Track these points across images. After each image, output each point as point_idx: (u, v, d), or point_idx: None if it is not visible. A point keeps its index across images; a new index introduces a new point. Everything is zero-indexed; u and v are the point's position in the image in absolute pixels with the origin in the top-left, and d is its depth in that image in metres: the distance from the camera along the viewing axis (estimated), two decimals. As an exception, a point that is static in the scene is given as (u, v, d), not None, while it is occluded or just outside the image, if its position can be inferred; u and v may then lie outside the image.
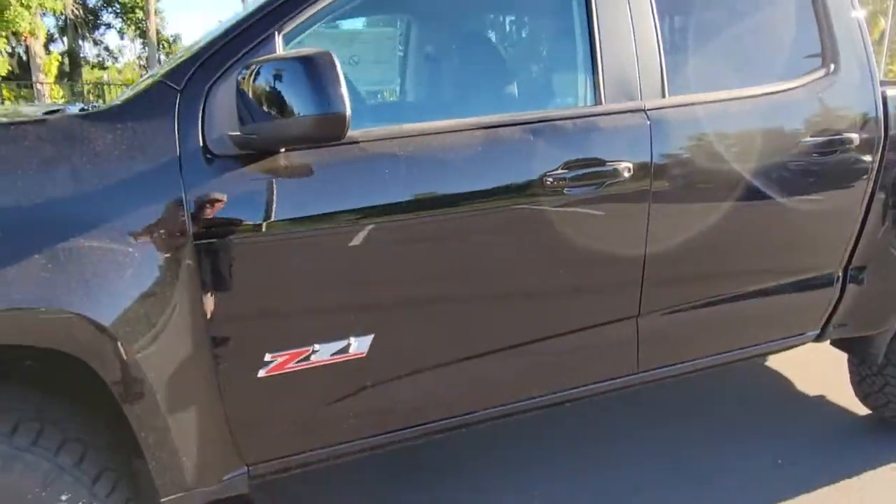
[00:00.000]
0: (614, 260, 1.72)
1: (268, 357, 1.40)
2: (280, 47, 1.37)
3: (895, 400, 2.40)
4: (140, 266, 1.23)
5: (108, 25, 26.06)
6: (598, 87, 1.67)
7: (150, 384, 1.24)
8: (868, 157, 2.04)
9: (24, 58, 18.70)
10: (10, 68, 15.83)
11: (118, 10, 25.69)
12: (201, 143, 1.29)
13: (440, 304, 1.55)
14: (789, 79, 1.97)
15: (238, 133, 1.29)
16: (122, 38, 27.25)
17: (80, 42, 24.49)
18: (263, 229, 1.33)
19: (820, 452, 2.42)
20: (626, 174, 1.64)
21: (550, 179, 1.56)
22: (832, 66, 2.02)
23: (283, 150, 1.33)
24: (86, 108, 1.56)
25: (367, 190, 1.40)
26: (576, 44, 1.67)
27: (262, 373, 1.40)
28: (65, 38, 23.52)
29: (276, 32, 1.37)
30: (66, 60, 22.41)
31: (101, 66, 26.74)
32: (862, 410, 2.63)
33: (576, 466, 2.28)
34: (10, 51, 16.46)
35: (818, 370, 3.00)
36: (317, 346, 1.43)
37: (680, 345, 1.95)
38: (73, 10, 19.41)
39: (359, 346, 1.47)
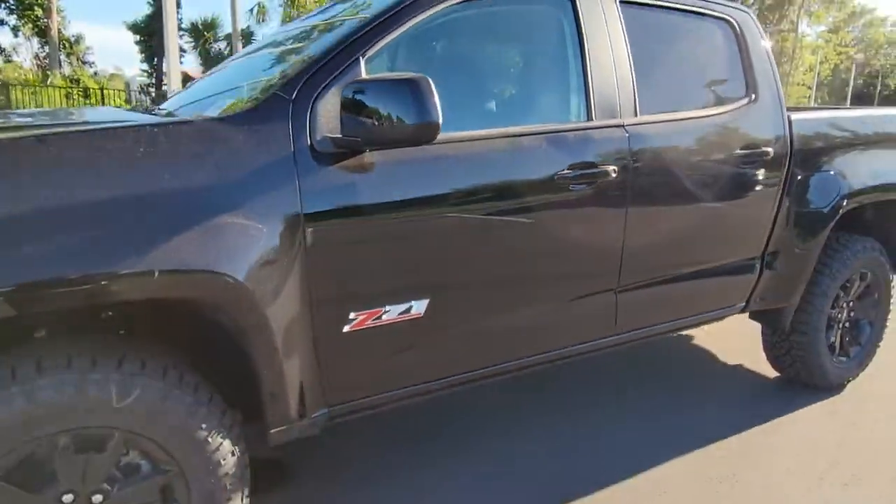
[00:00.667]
0: (603, 240, 2.18)
1: (352, 315, 1.74)
2: (363, 68, 1.73)
3: (799, 361, 3.02)
4: (266, 238, 1.55)
5: (2, 22, 24.52)
6: (590, 108, 2.13)
7: (270, 330, 1.56)
8: (779, 168, 2.63)
9: None
10: None
11: (13, 6, 24.25)
12: (308, 143, 1.63)
13: (481, 273, 1.95)
14: (724, 105, 2.53)
15: (339, 135, 1.64)
16: (15, 35, 25.68)
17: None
18: (353, 211, 1.68)
19: (737, 405, 2.99)
20: (613, 175, 2.10)
21: (559, 178, 2.00)
22: (753, 96, 2.60)
23: (368, 149, 1.69)
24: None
25: (431, 181, 1.79)
26: (575, 75, 2.13)
27: (346, 328, 1.74)
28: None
29: (361, 57, 1.73)
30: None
31: (-9, 63, 25.08)
32: (773, 373, 3.25)
33: (556, 417, 2.73)
34: None
35: (739, 344, 3.62)
36: (387, 308, 1.79)
37: (646, 312, 2.44)
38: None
39: (418, 308, 1.84)
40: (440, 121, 1.56)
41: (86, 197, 1.37)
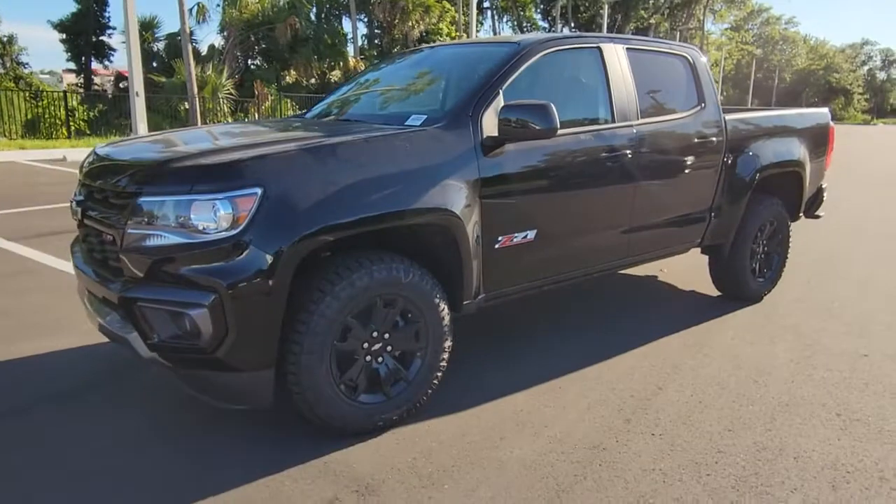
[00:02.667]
0: (623, 197, 3.55)
1: (499, 238, 3.02)
2: (502, 96, 3.00)
3: (733, 281, 4.52)
4: (464, 191, 2.80)
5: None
6: (613, 115, 3.49)
7: (468, 243, 2.82)
8: (719, 152, 4.09)
9: None
10: None
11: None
12: (480, 139, 2.89)
13: (564, 214, 3.27)
14: (686, 111, 3.96)
15: (496, 135, 2.91)
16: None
17: None
18: (500, 178, 2.96)
19: (692, 312, 4.45)
20: (628, 155, 3.47)
21: (601, 156, 3.35)
22: (703, 104, 4.04)
23: (507, 143, 2.96)
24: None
25: (540, 159, 3.09)
26: (605, 95, 3.48)
27: (497, 246, 3.01)
28: None
29: (500, 89, 3.01)
30: None
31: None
32: (716, 293, 4.74)
33: (564, 326, 4.10)
34: None
35: (690, 280, 5.11)
36: (516, 235, 3.08)
37: (644, 244, 3.84)
38: None
39: (530, 236, 3.13)
40: (558, 126, 2.86)
41: (388, 171, 2.60)
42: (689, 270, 5.24)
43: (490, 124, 2.92)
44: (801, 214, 4.95)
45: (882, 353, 3.74)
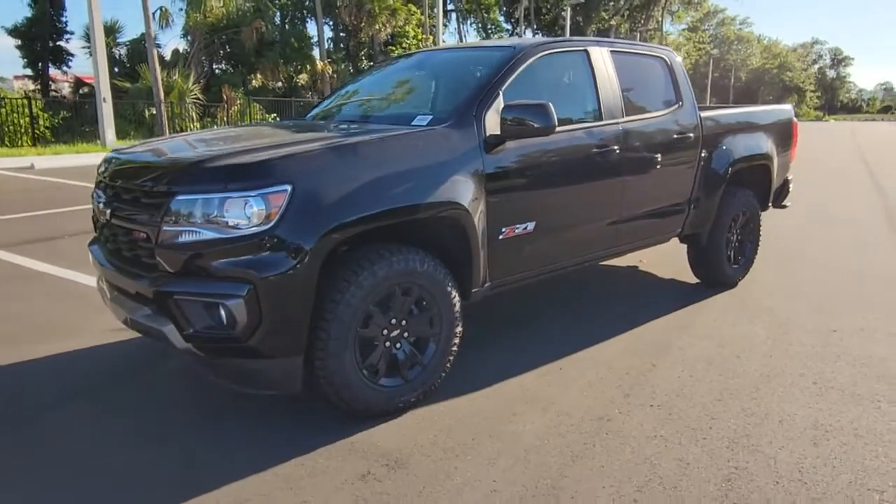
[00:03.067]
0: (612, 189, 3.79)
1: (503, 229, 3.22)
2: (501, 97, 3.20)
3: (711, 268, 4.81)
4: (471, 186, 3.00)
5: None
6: (601, 113, 3.73)
7: (476, 234, 3.02)
8: (696, 147, 4.37)
9: None
10: None
11: None
12: (484, 137, 3.09)
13: (561, 206, 3.49)
14: (665, 108, 4.23)
15: (498, 133, 3.11)
16: None
17: None
18: (502, 172, 3.16)
19: (672, 298, 4.73)
20: (616, 150, 3.72)
21: (593, 151, 3.59)
22: (681, 103, 4.32)
23: (508, 140, 3.17)
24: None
25: (539, 154, 3.31)
26: (593, 94, 3.71)
27: (500, 237, 3.22)
28: None
29: (500, 90, 3.22)
30: None
31: None
32: (694, 280, 5.03)
33: (557, 314, 4.34)
34: None
35: (670, 269, 5.40)
36: (517, 226, 3.29)
37: (630, 234, 4.09)
38: None
39: (530, 227, 3.35)
40: (556, 123, 3.08)
41: (403, 168, 2.78)
42: (666, 260, 5.53)
43: (492, 123, 3.12)
44: (770, 204, 5.27)
45: (850, 328, 4.06)
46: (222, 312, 2.46)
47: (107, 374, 3.36)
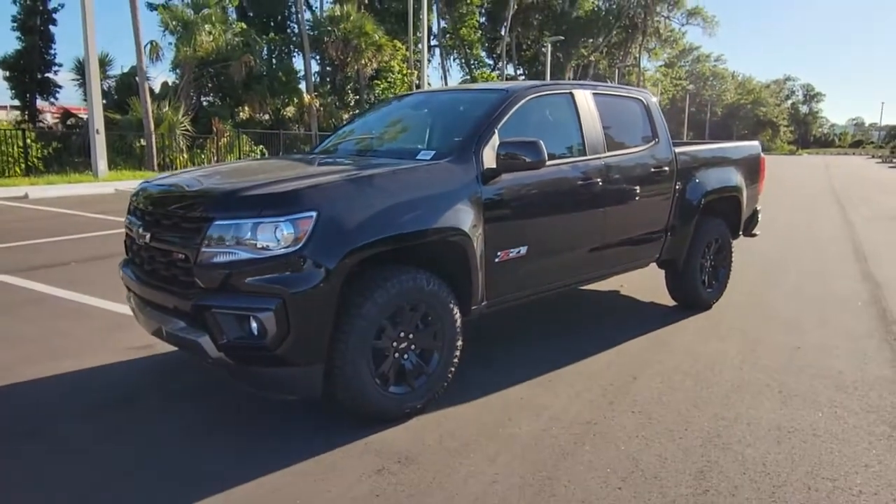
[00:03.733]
0: (595, 220, 4.18)
1: (498, 253, 3.57)
2: (497, 134, 3.59)
3: (686, 292, 5.19)
4: (471, 213, 3.36)
5: None
6: (585, 149, 4.13)
7: (475, 257, 3.36)
8: (671, 179, 4.79)
9: None
10: None
11: None
12: (481, 170, 3.46)
13: (550, 233, 3.85)
14: (643, 145, 4.65)
15: (494, 167, 3.48)
16: None
17: None
18: (497, 202, 3.53)
19: (651, 320, 5.10)
20: (599, 183, 4.11)
21: (578, 184, 3.98)
22: (657, 140, 4.75)
23: (503, 173, 3.54)
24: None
25: (531, 186, 3.68)
26: (578, 132, 4.12)
27: (496, 260, 3.57)
28: None
29: (496, 129, 3.60)
30: None
31: None
32: (671, 303, 5.41)
33: (543, 333, 4.68)
34: None
35: (650, 295, 5.78)
36: (511, 250, 3.64)
37: (613, 259, 4.47)
38: None
39: (523, 251, 3.70)
40: (546, 158, 3.47)
41: (413, 197, 3.14)
42: (645, 285, 5.91)
43: (488, 158, 3.50)
44: (740, 233, 5.70)
45: (812, 345, 4.45)
46: (254, 324, 2.76)
47: (132, 386, 3.62)
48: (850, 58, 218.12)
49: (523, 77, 52.26)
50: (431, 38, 43.10)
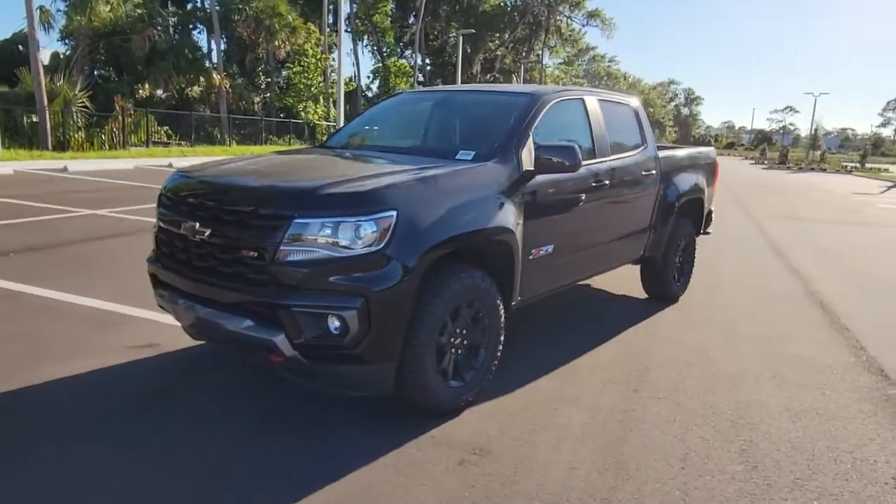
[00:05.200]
0: (604, 214, 4.44)
1: (532, 250, 3.74)
2: (532, 137, 3.74)
3: (660, 285, 5.61)
4: (515, 213, 3.50)
5: None
6: (595, 152, 4.38)
7: (518, 254, 3.52)
8: (656, 182, 5.15)
9: None
10: None
11: None
12: (522, 171, 3.61)
13: (573, 231, 4.07)
14: (635, 149, 4.97)
15: (532, 168, 3.64)
16: None
17: None
18: (534, 201, 3.69)
19: (628, 311, 5.47)
20: (607, 184, 4.38)
21: (592, 184, 4.22)
22: (644, 146, 5.09)
23: (538, 175, 3.71)
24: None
25: (561, 186, 3.87)
26: (590, 136, 4.36)
27: (531, 256, 3.73)
28: None
29: (531, 131, 3.76)
30: None
31: None
32: (644, 295, 5.81)
33: (539, 329, 4.93)
34: None
35: (624, 288, 6.17)
36: (542, 248, 3.82)
37: (613, 255, 4.77)
38: None
39: (550, 249, 3.89)
40: (581, 161, 3.66)
41: (472, 197, 3.24)
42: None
43: (526, 159, 3.65)
44: (703, 231, 6.21)
45: (775, 335, 4.97)
46: (336, 322, 2.77)
47: (167, 386, 3.47)
48: (724, 63, 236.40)
49: (430, 67, 52.52)
50: (345, 22, 42.30)
